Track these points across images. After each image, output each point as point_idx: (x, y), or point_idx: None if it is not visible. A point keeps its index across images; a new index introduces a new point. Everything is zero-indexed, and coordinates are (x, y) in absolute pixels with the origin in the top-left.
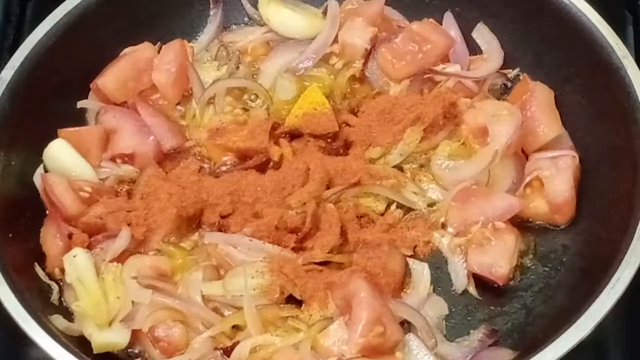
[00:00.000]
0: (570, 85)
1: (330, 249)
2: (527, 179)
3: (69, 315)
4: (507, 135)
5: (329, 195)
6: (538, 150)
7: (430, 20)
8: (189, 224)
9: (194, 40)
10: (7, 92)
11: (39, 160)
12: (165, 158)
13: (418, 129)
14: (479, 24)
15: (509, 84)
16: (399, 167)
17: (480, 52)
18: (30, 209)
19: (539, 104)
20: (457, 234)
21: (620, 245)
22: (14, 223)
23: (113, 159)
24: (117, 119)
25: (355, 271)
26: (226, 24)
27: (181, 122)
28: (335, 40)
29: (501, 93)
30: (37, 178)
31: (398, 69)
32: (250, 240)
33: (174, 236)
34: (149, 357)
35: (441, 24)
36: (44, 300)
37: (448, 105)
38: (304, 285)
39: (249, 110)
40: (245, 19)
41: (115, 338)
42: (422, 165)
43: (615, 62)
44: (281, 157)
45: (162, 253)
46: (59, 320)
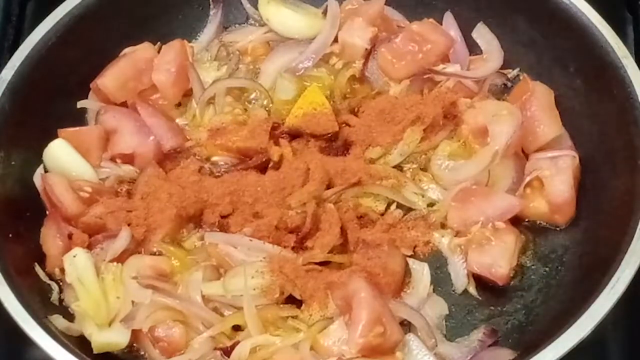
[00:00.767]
0: (570, 85)
1: (330, 249)
2: (527, 179)
3: (69, 315)
4: (507, 135)
5: (329, 195)
6: (538, 150)
7: (430, 20)
8: (189, 224)
9: (194, 40)
10: (7, 92)
11: (39, 160)
12: (165, 158)
13: (418, 129)
14: (479, 24)
15: (509, 84)
16: (399, 167)
17: (480, 52)
18: (30, 209)
19: (539, 104)
20: (457, 234)
21: (620, 245)
22: (14, 223)
23: (113, 159)
24: (117, 119)
25: (355, 271)
26: (226, 24)
27: (181, 122)
28: (335, 40)
29: (501, 93)
30: (37, 178)
31: (398, 69)
32: (250, 240)
33: (174, 236)
34: (149, 357)
35: (441, 24)
36: (44, 300)
37: (448, 105)
38: (304, 285)
39: (249, 110)
40: (245, 19)
41: (115, 338)
42: (422, 166)
43: (615, 62)
44: (281, 157)
45: (162, 253)
46: (59, 320)
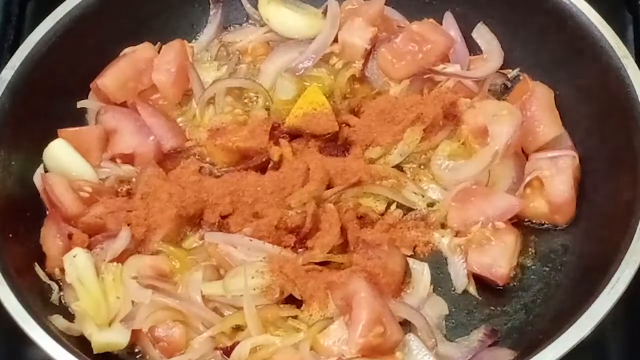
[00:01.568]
0: (570, 85)
1: (330, 249)
2: (527, 179)
3: (69, 315)
4: (507, 135)
5: (329, 195)
6: (538, 150)
7: (430, 20)
8: (189, 224)
9: (194, 40)
10: (7, 92)
11: (39, 160)
12: (165, 158)
13: (418, 129)
14: (479, 24)
15: (509, 84)
16: (399, 167)
17: (480, 52)
18: (30, 209)
19: (539, 104)
20: (457, 234)
21: (620, 245)
22: (14, 223)
23: (113, 159)
24: (117, 119)
25: (355, 271)
26: (226, 24)
27: (181, 122)
28: (335, 40)
29: (501, 93)
30: (37, 178)
31: (398, 69)
32: (250, 240)
33: (174, 236)
34: (149, 357)
35: (441, 24)
36: (44, 300)
37: (448, 105)
38: (304, 285)
39: (249, 110)
40: (245, 19)
41: (115, 338)
42: (422, 165)
43: (615, 62)
44: (281, 157)
45: (162, 253)
46: (59, 320)
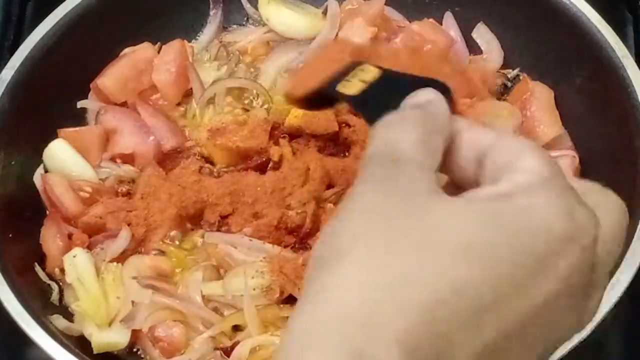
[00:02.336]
0: (570, 85)
1: None
2: None
3: (69, 315)
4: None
5: (329, 195)
6: None
7: (430, 20)
8: (189, 224)
9: (194, 40)
10: (7, 92)
11: (39, 160)
12: (165, 158)
13: None
14: (479, 24)
15: (509, 84)
16: None
17: (480, 52)
18: (30, 209)
19: (539, 104)
20: None
21: None
22: (14, 223)
23: (113, 159)
24: (117, 119)
25: None
26: (226, 24)
27: (181, 122)
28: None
29: (501, 93)
30: (37, 178)
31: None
32: (250, 240)
33: (174, 236)
34: (149, 357)
35: (441, 24)
36: (44, 300)
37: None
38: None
39: (249, 110)
40: (245, 19)
41: (115, 338)
42: None
43: (615, 62)
44: (281, 157)
45: (162, 253)
46: (59, 320)
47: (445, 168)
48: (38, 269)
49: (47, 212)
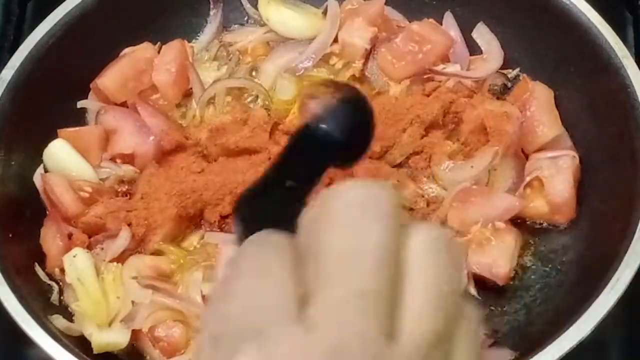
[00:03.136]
0: (570, 85)
1: None
2: (527, 179)
3: (69, 315)
4: (507, 136)
5: None
6: (538, 150)
7: (430, 20)
8: (189, 224)
9: (194, 40)
10: (7, 92)
11: (39, 160)
12: (165, 158)
13: (418, 129)
14: (479, 24)
15: (509, 84)
16: (399, 167)
17: (480, 52)
18: (30, 209)
19: (539, 104)
20: (457, 234)
21: (620, 245)
22: (14, 223)
23: (113, 159)
24: (117, 119)
25: None
26: (226, 24)
27: (181, 122)
28: (335, 40)
29: (501, 93)
30: (37, 178)
31: (398, 69)
32: None
33: (174, 236)
34: (149, 357)
35: (441, 24)
36: (44, 300)
37: (448, 105)
38: None
39: (249, 111)
40: (245, 19)
41: (115, 338)
42: (422, 165)
43: (615, 62)
44: None
45: (162, 253)
46: (59, 320)
47: None
48: (38, 269)
49: (47, 212)
